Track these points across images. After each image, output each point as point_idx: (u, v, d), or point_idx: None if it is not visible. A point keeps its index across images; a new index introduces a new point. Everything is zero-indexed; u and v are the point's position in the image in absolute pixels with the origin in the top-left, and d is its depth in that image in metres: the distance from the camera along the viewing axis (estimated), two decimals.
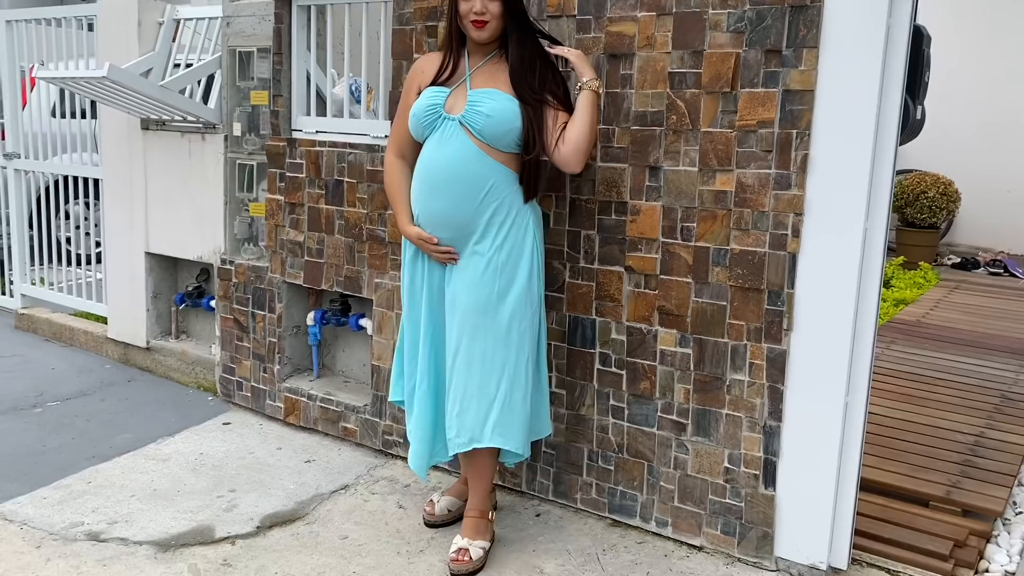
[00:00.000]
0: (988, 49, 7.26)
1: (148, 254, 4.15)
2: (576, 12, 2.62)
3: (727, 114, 2.41)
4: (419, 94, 2.46)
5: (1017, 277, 6.72)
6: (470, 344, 2.42)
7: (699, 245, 2.50)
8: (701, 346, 2.53)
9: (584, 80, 2.39)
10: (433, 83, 2.44)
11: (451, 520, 2.72)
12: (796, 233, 2.34)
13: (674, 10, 2.45)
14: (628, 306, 2.65)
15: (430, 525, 2.73)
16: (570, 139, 2.36)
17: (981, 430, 3.37)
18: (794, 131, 2.31)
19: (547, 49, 2.46)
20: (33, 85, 5.05)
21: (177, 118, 3.85)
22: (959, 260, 7.10)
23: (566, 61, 2.50)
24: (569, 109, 2.41)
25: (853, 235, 2.27)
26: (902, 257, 6.84)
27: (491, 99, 2.35)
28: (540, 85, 2.39)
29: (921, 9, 2.29)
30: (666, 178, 2.53)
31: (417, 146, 2.48)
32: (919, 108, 3.98)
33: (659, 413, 2.62)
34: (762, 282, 2.40)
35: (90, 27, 4.39)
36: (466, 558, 2.47)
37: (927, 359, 4.32)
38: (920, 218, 6.96)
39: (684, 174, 2.49)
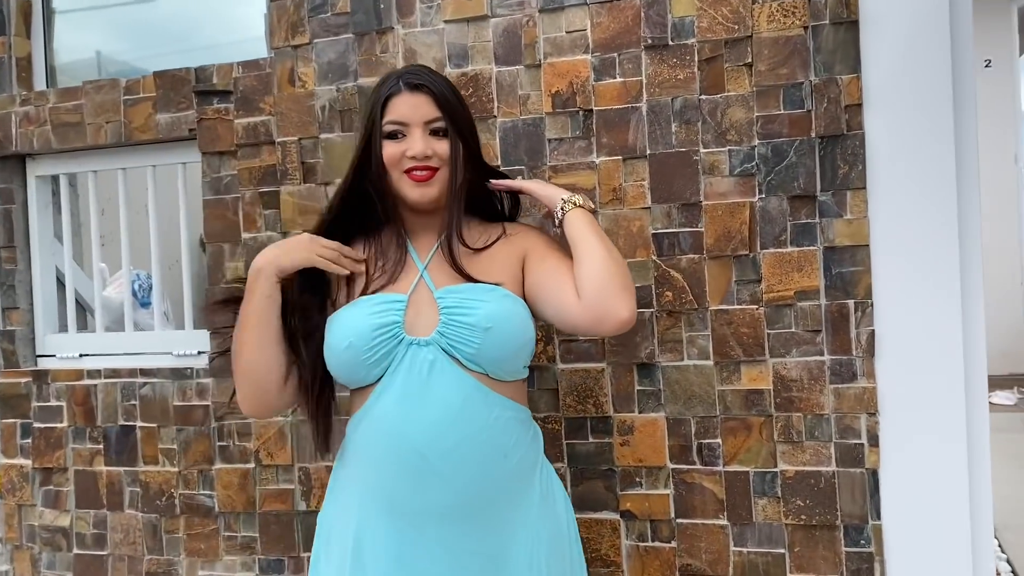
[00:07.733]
0: None
1: None
2: (499, 162, 1.86)
3: (746, 284, 1.74)
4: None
5: None
6: None
7: (730, 470, 1.75)
8: None
9: (562, 201, 1.48)
10: (364, 290, 1.44)
11: None
12: (873, 441, 1.67)
13: (647, 151, 1.78)
14: (631, 570, 1.81)
15: None
16: (590, 278, 1.35)
17: None
18: (850, 301, 1.68)
19: (491, 186, 1.57)
20: None
21: None
22: None
23: (515, 198, 1.62)
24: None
25: (952, 434, 1.65)
26: None
27: (482, 298, 1.39)
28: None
29: None
30: (666, 378, 1.78)
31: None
32: None
33: None
34: (834, 514, 1.69)
35: None
36: None
37: None
38: None
39: (693, 370, 1.76)
